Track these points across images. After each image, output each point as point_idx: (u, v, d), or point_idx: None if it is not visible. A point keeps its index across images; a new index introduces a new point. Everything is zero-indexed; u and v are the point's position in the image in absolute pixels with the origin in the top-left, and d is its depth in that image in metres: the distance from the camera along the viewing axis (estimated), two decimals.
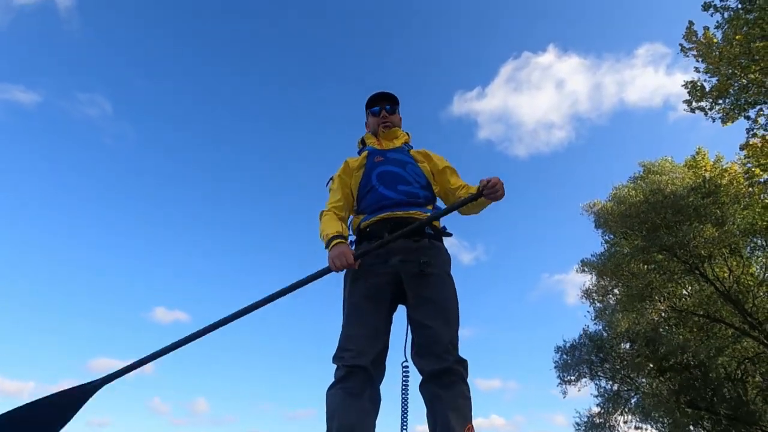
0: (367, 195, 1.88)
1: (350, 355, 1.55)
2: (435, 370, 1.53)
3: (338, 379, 1.56)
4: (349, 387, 1.52)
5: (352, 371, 1.54)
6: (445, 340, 1.56)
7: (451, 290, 1.70)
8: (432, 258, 1.69)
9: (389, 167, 1.89)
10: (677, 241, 10.95)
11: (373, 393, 1.58)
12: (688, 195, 11.68)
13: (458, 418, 1.44)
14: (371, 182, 1.87)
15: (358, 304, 1.67)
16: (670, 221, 11.27)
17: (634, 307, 12.52)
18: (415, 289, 1.66)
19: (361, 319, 1.64)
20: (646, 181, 14.37)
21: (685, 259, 11.31)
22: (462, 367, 1.57)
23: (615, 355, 11.61)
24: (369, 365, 1.55)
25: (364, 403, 1.51)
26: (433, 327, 1.58)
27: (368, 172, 1.91)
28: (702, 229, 10.41)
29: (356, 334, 1.61)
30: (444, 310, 1.62)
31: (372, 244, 1.69)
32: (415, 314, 1.64)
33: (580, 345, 12.14)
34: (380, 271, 1.69)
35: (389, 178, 1.85)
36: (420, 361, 1.60)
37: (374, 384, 1.59)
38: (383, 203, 1.80)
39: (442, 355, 1.54)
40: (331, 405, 1.51)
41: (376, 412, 1.57)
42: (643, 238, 11.98)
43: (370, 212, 1.83)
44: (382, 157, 1.92)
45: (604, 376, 11.64)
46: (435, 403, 1.50)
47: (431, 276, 1.66)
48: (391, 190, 1.82)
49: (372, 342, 1.60)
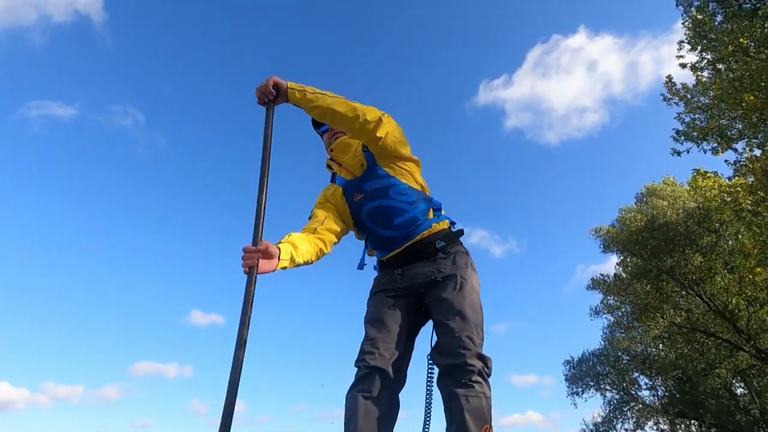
0: (368, 238, 1.87)
1: (370, 358, 1.56)
2: (450, 364, 1.52)
3: (357, 381, 1.57)
4: (367, 389, 1.52)
5: (371, 373, 1.54)
6: (461, 335, 1.54)
7: (467, 288, 1.66)
8: (443, 266, 1.70)
9: (374, 203, 1.78)
10: (672, 265, 12.33)
11: (392, 398, 1.58)
12: (683, 222, 12.97)
13: (475, 420, 1.42)
14: (366, 226, 1.82)
15: (377, 311, 1.70)
16: (666, 247, 12.62)
17: (637, 323, 13.91)
18: (432, 294, 1.68)
19: (381, 324, 1.66)
20: (649, 205, 15.70)
21: (680, 280, 12.64)
22: (482, 363, 1.52)
23: (616, 370, 13.08)
24: (388, 369, 1.56)
25: (381, 408, 1.51)
26: (448, 324, 1.58)
27: (356, 214, 1.83)
28: (691, 257, 11.75)
29: (376, 338, 1.63)
30: (459, 307, 1.60)
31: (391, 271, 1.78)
32: (435, 316, 1.65)
33: (586, 359, 13.67)
34: (399, 285, 1.74)
35: (380, 215, 1.78)
36: (438, 358, 1.60)
37: (393, 389, 1.59)
38: (389, 245, 1.79)
39: (457, 351, 1.52)
40: (349, 408, 1.52)
41: (394, 419, 1.57)
42: (644, 261, 13.36)
43: (381, 251, 1.85)
44: (360, 194, 1.81)
45: (607, 388, 13.12)
46: (452, 402, 1.48)
47: (446, 278, 1.68)
48: (388, 229, 1.77)
49: (391, 346, 1.61)
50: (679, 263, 11.98)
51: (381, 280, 1.82)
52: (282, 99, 1.68)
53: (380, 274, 1.85)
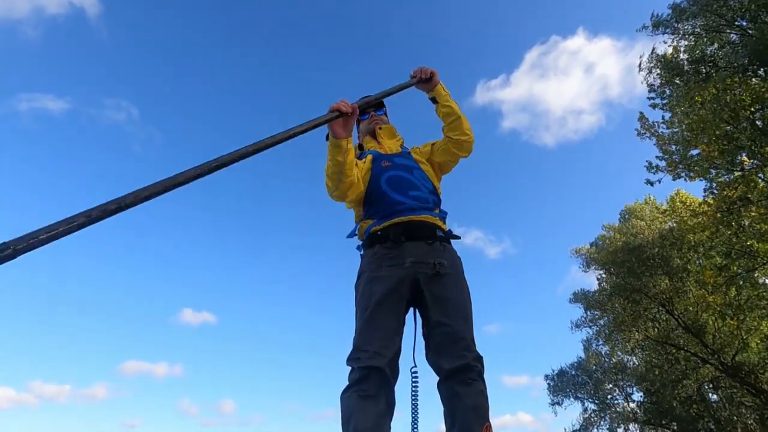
0: (376, 200, 1.85)
1: (366, 356, 1.53)
2: (455, 366, 1.51)
3: (354, 382, 1.54)
4: (365, 389, 1.50)
5: (369, 373, 1.52)
6: (466, 336, 1.56)
7: (466, 290, 1.71)
8: (445, 259, 1.71)
9: (398, 172, 1.88)
10: (644, 284, 13.45)
11: (389, 395, 1.56)
12: (658, 243, 14.07)
13: (477, 418, 1.44)
14: (381, 187, 1.85)
15: (373, 306, 1.64)
16: (640, 268, 13.73)
17: (614, 336, 15.01)
18: (432, 289, 1.65)
19: (377, 320, 1.61)
20: (628, 224, 16.85)
21: (652, 298, 13.74)
22: (480, 364, 1.55)
23: (592, 381, 14.19)
24: (385, 367, 1.54)
25: (380, 406, 1.49)
26: (452, 324, 1.57)
27: (376, 177, 1.88)
28: (661, 279, 12.87)
29: (372, 336, 1.58)
30: (462, 308, 1.62)
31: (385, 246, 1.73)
32: (433, 313, 1.63)
33: (566, 372, 14.78)
34: (395, 273, 1.67)
35: (399, 183, 1.84)
36: (438, 360, 1.58)
37: (389, 386, 1.57)
38: (395, 208, 1.78)
39: (462, 352, 1.53)
40: (347, 409, 1.50)
41: (392, 415, 1.56)
42: (621, 279, 14.46)
43: (380, 217, 1.81)
44: (389, 162, 1.91)
45: (585, 398, 14.21)
46: (454, 402, 1.49)
47: (447, 276, 1.67)
48: (402, 195, 1.81)
49: (388, 343, 1.58)
50: (648, 284, 13.09)
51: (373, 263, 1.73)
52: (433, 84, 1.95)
53: (371, 251, 1.77)
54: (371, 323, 1.62)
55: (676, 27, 7.46)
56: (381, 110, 2.17)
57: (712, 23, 7.05)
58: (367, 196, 1.89)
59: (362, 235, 1.88)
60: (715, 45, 7.41)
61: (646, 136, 13.54)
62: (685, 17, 7.10)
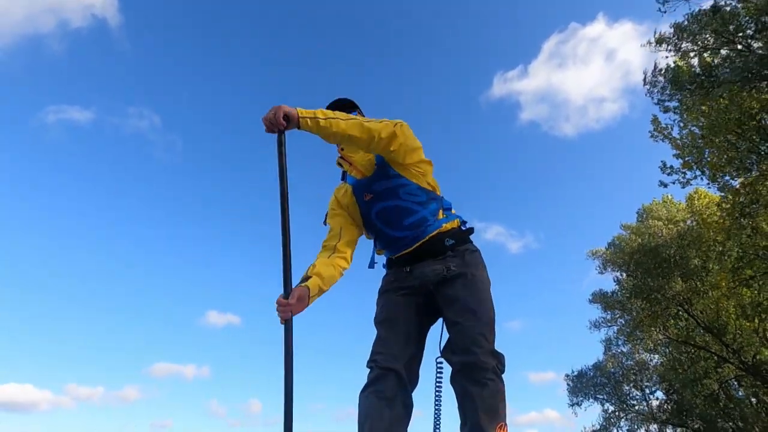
0: (378, 237, 1.86)
1: (382, 358, 1.57)
2: (463, 362, 1.52)
3: (370, 382, 1.57)
4: (381, 390, 1.52)
5: (385, 374, 1.55)
6: (474, 333, 1.54)
7: (478, 286, 1.66)
8: (453, 264, 1.69)
9: (384, 204, 1.78)
10: (660, 285, 13.59)
11: (406, 398, 1.57)
12: (676, 243, 14.15)
13: (490, 419, 1.42)
14: (375, 225, 1.82)
15: (388, 310, 1.70)
16: (657, 270, 13.85)
17: (635, 334, 15.14)
18: (443, 292, 1.67)
19: (392, 324, 1.67)
20: (646, 223, 16.89)
21: (670, 298, 13.85)
22: (495, 361, 1.52)
23: (612, 382, 14.41)
24: (401, 369, 1.56)
25: (396, 408, 1.51)
26: (460, 322, 1.58)
27: (366, 214, 1.84)
28: (676, 280, 13.02)
29: (388, 338, 1.64)
30: (471, 305, 1.60)
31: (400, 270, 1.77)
32: (447, 314, 1.65)
33: (585, 373, 15.02)
34: (409, 284, 1.73)
35: (390, 216, 1.78)
36: (450, 356, 1.60)
37: (406, 389, 1.59)
38: (399, 244, 1.78)
39: (470, 348, 1.52)
40: (363, 409, 1.52)
41: (409, 418, 1.56)
42: (639, 280, 14.60)
43: (389, 251, 1.84)
44: (370, 194, 1.81)
45: (604, 398, 14.44)
46: (465, 400, 1.48)
47: (456, 276, 1.67)
48: (398, 230, 1.76)
49: (403, 346, 1.62)
50: (665, 284, 13.24)
51: (390, 279, 1.81)
52: (292, 126, 1.61)
53: (389, 272, 1.85)
54: (385, 327, 1.68)
55: (678, 43, 7.73)
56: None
57: (713, 40, 7.31)
58: (369, 231, 1.90)
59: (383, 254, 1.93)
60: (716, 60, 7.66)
61: (659, 138, 13.72)
62: (687, 35, 7.37)
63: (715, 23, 7.05)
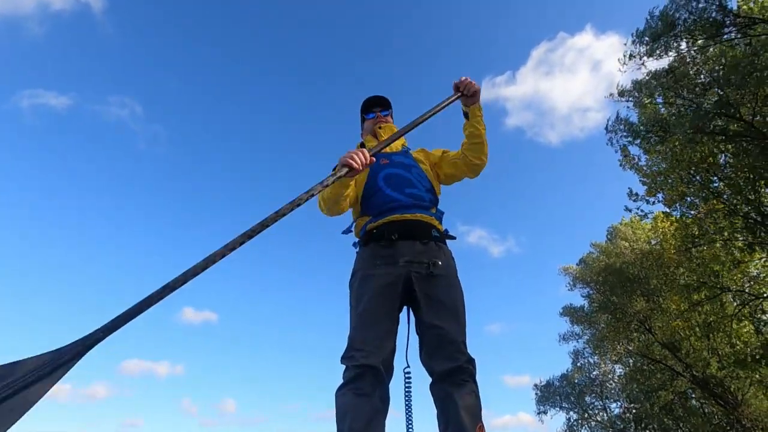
0: (372, 197, 1.87)
1: (361, 355, 1.55)
2: (447, 369, 1.54)
3: (348, 380, 1.56)
4: (360, 387, 1.52)
5: (363, 372, 1.54)
6: (458, 339, 1.58)
7: (459, 292, 1.72)
8: (440, 259, 1.72)
9: (395, 170, 1.90)
10: (623, 303, 14.69)
11: (383, 393, 1.59)
12: (638, 263, 15.26)
13: (470, 418, 1.46)
14: (377, 184, 1.87)
15: (368, 304, 1.66)
16: (620, 288, 14.95)
17: (602, 345, 16.24)
18: (425, 290, 1.67)
19: (372, 319, 1.63)
20: (614, 243, 18.07)
21: (632, 315, 14.97)
22: (472, 366, 1.58)
23: (575, 392, 15.48)
24: (380, 365, 1.56)
25: (375, 404, 1.52)
26: (444, 327, 1.59)
27: (374, 174, 1.90)
28: (638, 299, 14.12)
29: (367, 335, 1.60)
30: (454, 310, 1.64)
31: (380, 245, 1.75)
32: (426, 315, 1.64)
33: (551, 383, 16.07)
34: (389, 271, 1.69)
35: (396, 180, 1.86)
36: (430, 362, 1.60)
37: (384, 384, 1.59)
38: (391, 206, 1.80)
39: (454, 355, 1.55)
40: (342, 406, 1.52)
41: (386, 412, 1.58)
42: (604, 297, 15.70)
43: (376, 214, 1.83)
44: (387, 160, 1.93)
45: (569, 408, 15.51)
46: (447, 403, 1.51)
47: (440, 277, 1.69)
48: (398, 192, 1.83)
49: (382, 342, 1.60)
50: (628, 302, 14.34)
51: (368, 260, 1.76)
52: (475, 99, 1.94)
53: (366, 249, 1.80)
54: (365, 322, 1.64)
55: (637, 96, 8.69)
56: (386, 111, 2.15)
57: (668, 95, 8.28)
58: (364, 193, 1.90)
59: (358, 232, 1.92)
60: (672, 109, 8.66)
61: (626, 167, 14.81)
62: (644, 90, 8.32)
63: (669, 81, 8.00)
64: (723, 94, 7.89)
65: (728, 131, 8.36)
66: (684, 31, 6.94)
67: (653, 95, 8.44)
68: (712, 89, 8.24)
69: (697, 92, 8.22)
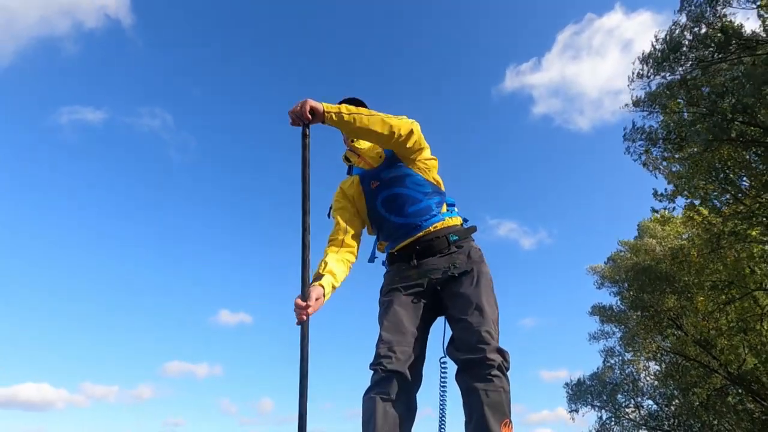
0: (381, 227, 1.89)
1: (387, 361, 1.57)
2: (469, 359, 1.53)
3: (374, 384, 1.57)
4: (386, 392, 1.53)
5: (389, 376, 1.55)
6: (480, 330, 1.56)
7: (484, 283, 1.70)
8: (458, 260, 1.73)
9: (389, 191, 1.84)
10: (654, 301, 14.72)
11: (410, 400, 1.59)
12: (664, 261, 15.20)
13: (495, 414, 1.43)
14: (380, 213, 1.86)
15: (393, 311, 1.69)
16: (649, 286, 14.96)
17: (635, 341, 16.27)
18: (448, 290, 1.71)
19: (397, 325, 1.66)
20: (642, 241, 17.97)
21: (663, 313, 14.96)
22: (501, 357, 1.53)
23: (607, 391, 15.62)
24: (405, 371, 1.57)
25: (400, 410, 1.52)
26: (466, 319, 1.60)
27: (371, 201, 1.88)
28: (668, 297, 14.15)
29: (392, 340, 1.62)
30: (477, 302, 1.63)
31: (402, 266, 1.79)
32: (451, 311, 1.67)
33: (582, 382, 16.25)
34: (413, 284, 1.74)
35: (395, 203, 1.83)
36: (455, 353, 1.61)
37: (410, 391, 1.60)
38: (399, 233, 1.82)
39: (477, 346, 1.53)
40: (367, 410, 1.53)
41: (412, 420, 1.58)
42: (634, 295, 15.73)
43: (392, 241, 1.87)
44: (377, 182, 1.87)
45: (600, 406, 15.65)
46: (471, 396, 1.49)
47: (461, 275, 1.71)
48: (401, 217, 1.81)
49: (407, 348, 1.61)
50: (658, 301, 14.38)
51: (393, 278, 1.80)
52: (317, 121, 1.67)
53: (391, 269, 1.84)
54: (391, 328, 1.66)
55: (652, 106, 8.92)
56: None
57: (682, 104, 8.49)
58: (371, 222, 1.93)
59: (383, 251, 1.97)
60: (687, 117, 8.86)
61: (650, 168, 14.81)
62: (658, 100, 8.55)
63: (683, 91, 8.23)
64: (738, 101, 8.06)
65: (746, 135, 8.50)
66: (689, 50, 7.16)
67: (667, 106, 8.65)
68: (727, 96, 8.40)
69: (713, 99, 8.40)
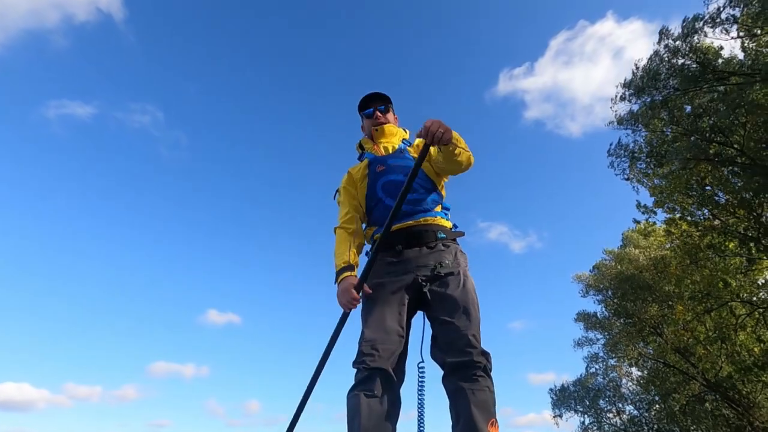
0: (375, 208, 1.91)
1: (370, 359, 1.58)
2: (457, 362, 1.56)
3: (359, 382, 1.59)
4: (370, 389, 1.55)
5: (373, 374, 1.56)
6: (468, 333, 1.59)
7: (469, 287, 1.72)
8: (446, 259, 1.74)
9: (392, 176, 1.88)
10: (636, 310, 15.22)
11: (394, 396, 1.61)
12: (647, 270, 15.72)
13: (482, 413, 1.46)
14: (377, 194, 1.89)
15: (377, 308, 1.70)
16: (632, 295, 15.45)
17: (618, 349, 16.74)
18: (433, 288, 1.70)
19: (380, 323, 1.66)
20: (626, 250, 18.51)
21: (645, 321, 15.45)
22: (486, 359, 1.58)
23: (589, 397, 16.07)
24: (389, 368, 1.59)
25: (384, 406, 1.54)
26: (454, 322, 1.61)
27: (372, 183, 1.91)
28: (650, 305, 14.65)
29: (375, 338, 1.63)
30: (464, 306, 1.65)
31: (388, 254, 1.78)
32: (436, 312, 1.68)
33: (565, 388, 16.68)
34: (397, 279, 1.74)
35: (394, 188, 1.85)
36: (441, 355, 1.62)
37: (394, 388, 1.62)
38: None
39: (465, 349, 1.56)
40: (351, 408, 1.54)
41: (397, 416, 1.60)
42: (616, 304, 16.22)
43: (381, 225, 1.86)
44: (383, 166, 1.91)
45: (583, 411, 16.10)
46: (458, 397, 1.52)
47: (448, 276, 1.71)
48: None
49: (392, 345, 1.63)
50: (640, 309, 14.87)
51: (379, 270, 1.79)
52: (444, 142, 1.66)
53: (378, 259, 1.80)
54: (374, 327, 1.67)
55: (635, 125, 9.38)
56: (383, 106, 2.07)
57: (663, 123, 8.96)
58: (367, 203, 1.95)
59: (369, 239, 1.97)
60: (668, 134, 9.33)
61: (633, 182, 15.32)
62: (641, 120, 9.01)
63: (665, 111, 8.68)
64: (715, 123, 8.54)
65: (721, 156, 8.99)
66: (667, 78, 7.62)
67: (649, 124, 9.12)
68: (705, 116, 8.89)
69: (693, 118, 8.87)
